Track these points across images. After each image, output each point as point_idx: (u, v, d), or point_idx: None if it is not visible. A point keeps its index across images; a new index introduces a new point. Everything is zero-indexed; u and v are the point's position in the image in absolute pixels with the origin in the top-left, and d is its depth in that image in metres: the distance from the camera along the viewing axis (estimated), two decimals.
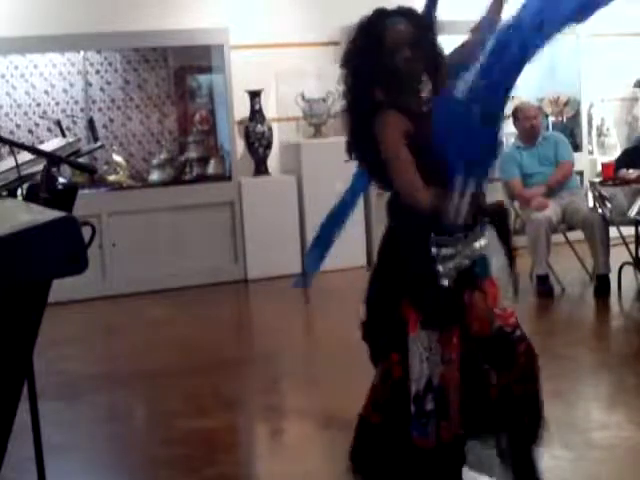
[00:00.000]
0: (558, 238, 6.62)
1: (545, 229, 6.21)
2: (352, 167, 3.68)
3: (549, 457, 3.54)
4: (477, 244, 3.01)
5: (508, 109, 7.33)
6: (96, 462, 3.94)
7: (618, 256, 6.40)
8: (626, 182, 6.32)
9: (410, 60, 3.09)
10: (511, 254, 3.23)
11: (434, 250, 2.93)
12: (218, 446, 3.93)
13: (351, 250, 7.57)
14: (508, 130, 7.79)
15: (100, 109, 7.44)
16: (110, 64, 7.43)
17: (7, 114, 7.19)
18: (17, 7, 6.98)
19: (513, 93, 3.03)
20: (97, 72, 7.41)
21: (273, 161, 7.65)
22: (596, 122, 8.55)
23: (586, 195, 7.03)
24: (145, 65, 7.52)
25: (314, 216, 7.48)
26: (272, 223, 7.34)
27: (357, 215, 7.59)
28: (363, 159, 3.30)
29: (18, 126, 7.21)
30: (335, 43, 7.83)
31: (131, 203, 7.09)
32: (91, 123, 4.66)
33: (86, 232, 2.08)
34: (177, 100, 7.68)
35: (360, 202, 7.52)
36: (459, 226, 2.87)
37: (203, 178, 7.42)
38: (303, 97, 7.59)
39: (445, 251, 2.95)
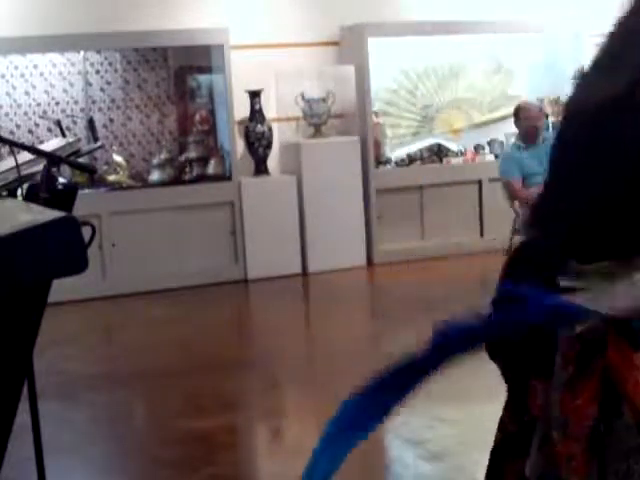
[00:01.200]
0: None
1: None
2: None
3: None
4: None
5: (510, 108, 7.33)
6: (96, 462, 3.95)
7: None
8: None
9: None
10: None
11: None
12: (218, 446, 3.93)
13: (351, 250, 7.58)
14: (508, 130, 7.82)
15: (100, 109, 7.44)
16: (110, 64, 7.43)
17: (7, 114, 7.18)
18: (17, 7, 6.98)
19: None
20: (97, 72, 7.40)
21: (273, 161, 7.65)
22: None
23: None
24: (145, 65, 7.52)
25: (314, 216, 7.52)
26: (272, 223, 7.34)
27: (357, 215, 7.61)
28: None
29: (18, 126, 7.20)
30: (335, 43, 7.85)
31: (131, 203, 7.09)
32: (91, 123, 4.66)
33: (86, 232, 2.07)
34: (177, 100, 7.68)
35: (360, 202, 7.57)
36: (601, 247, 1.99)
37: (203, 178, 7.41)
38: (303, 97, 7.59)
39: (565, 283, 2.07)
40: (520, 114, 6.72)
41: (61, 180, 2.69)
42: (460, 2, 8.10)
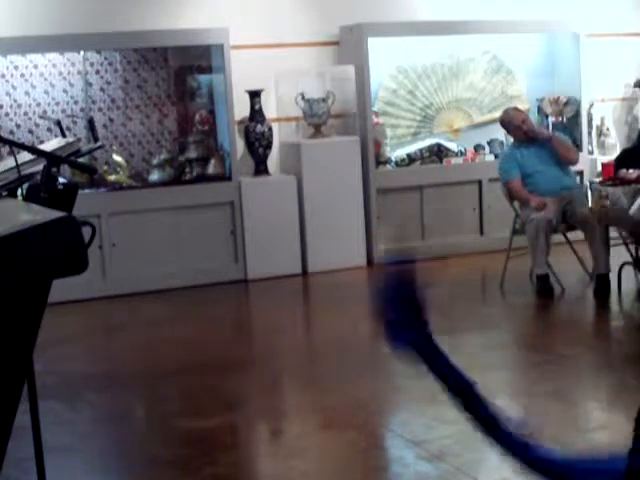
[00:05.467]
0: (558, 238, 6.63)
1: (545, 229, 6.21)
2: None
3: None
4: None
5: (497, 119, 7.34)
6: (96, 462, 3.94)
7: (618, 256, 6.40)
8: (626, 182, 6.32)
9: None
10: None
11: None
12: (218, 446, 3.93)
13: (351, 250, 7.58)
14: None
15: (100, 109, 7.43)
16: (110, 64, 7.43)
17: (7, 114, 7.18)
18: (17, 7, 6.98)
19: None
20: (97, 72, 7.40)
21: (273, 161, 7.65)
22: (596, 122, 8.55)
23: (586, 195, 7.03)
24: (145, 65, 7.52)
25: (314, 216, 7.52)
26: (272, 223, 7.34)
27: (357, 215, 7.60)
28: None
29: (18, 126, 7.20)
30: (335, 43, 7.85)
31: (131, 203, 7.09)
32: (91, 123, 4.66)
33: (86, 232, 2.07)
34: (177, 100, 7.67)
35: (360, 202, 7.56)
36: None
37: (203, 178, 7.41)
38: (303, 97, 7.59)
39: None
40: (508, 126, 6.74)
41: (61, 180, 2.69)
42: (460, 2, 8.10)
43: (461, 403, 2.04)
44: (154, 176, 7.38)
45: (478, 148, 8.17)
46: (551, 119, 8.32)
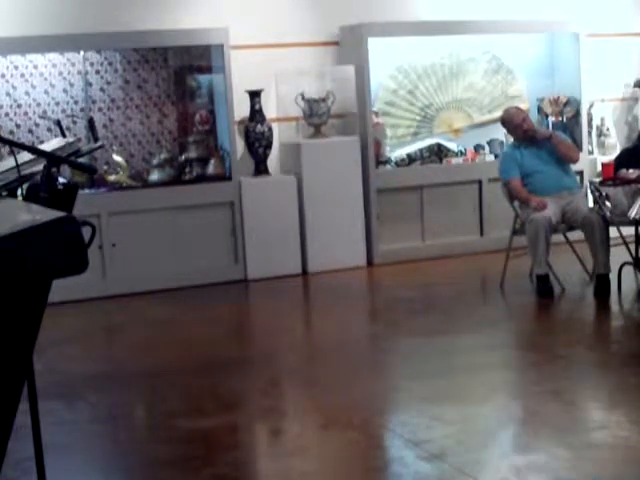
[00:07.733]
0: (558, 238, 6.62)
1: (545, 229, 6.20)
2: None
3: (549, 457, 3.55)
4: None
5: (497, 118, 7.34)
6: (96, 462, 3.94)
7: (618, 256, 6.40)
8: (626, 182, 6.32)
9: None
10: None
11: None
12: (218, 446, 3.93)
13: (351, 250, 7.58)
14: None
15: (100, 109, 7.43)
16: (110, 64, 7.43)
17: (7, 114, 7.18)
18: (17, 7, 6.98)
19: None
20: (97, 72, 7.40)
21: (273, 161, 7.65)
22: (596, 122, 8.55)
23: (586, 195, 7.03)
24: (145, 65, 7.52)
25: (314, 216, 7.53)
26: (272, 223, 7.34)
27: (357, 215, 7.61)
28: None
29: (18, 126, 7.21)
30: (335, 43, 7.85)
31: (131, 203, 7.09)
32: (91, 123, 4.66)
33: (86, 232, 2.07)
34: (177, 100, 7.67)
35: (360, 202, 7.57)
36: None
37: (203, 178, 7.41)
38: (303, 97, 7.59)
39: None
40: (508, 125, 6.75)
41: (61, 180, 2.69)
42: (460, 2, 8.10)
43: None
44: (154, 176, 7.38)
45: (478, 148, 8.17)
46: (551, 119, 8.31)
